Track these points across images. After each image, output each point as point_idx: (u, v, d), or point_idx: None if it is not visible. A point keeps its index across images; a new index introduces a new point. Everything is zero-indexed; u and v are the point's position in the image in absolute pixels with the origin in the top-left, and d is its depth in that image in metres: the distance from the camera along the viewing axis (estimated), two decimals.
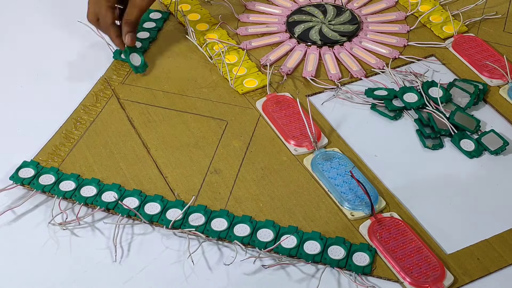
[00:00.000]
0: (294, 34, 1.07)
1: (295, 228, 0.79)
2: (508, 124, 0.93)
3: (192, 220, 0.79)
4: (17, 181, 0.83)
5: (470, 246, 0.78)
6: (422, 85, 0.96)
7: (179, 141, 0.90)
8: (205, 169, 0.86)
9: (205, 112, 0.94)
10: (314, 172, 0.85)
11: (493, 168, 0.87)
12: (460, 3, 1.15)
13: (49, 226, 0.79)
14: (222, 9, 1.13)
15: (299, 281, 0.74)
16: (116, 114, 0.93)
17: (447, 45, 1.06)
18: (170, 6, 1.13)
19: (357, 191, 0.82)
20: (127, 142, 0.89)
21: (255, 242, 0.77)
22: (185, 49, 1.05)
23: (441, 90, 0.95)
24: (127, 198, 0.82)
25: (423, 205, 0.82)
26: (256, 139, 0.90)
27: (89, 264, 0.76)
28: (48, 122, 0.91)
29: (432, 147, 0.89)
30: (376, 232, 0.78)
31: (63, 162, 0.86)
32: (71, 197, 0.81)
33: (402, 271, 0.74)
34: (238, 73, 0.99)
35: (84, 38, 1.04)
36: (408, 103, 0.93)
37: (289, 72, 1.00)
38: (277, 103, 0.94)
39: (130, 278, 0.74)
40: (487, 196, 0.83)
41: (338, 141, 0.90)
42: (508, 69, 0.99)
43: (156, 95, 0.97)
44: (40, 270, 0.75)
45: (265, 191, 0.83)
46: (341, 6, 1.13)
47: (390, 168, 0.87)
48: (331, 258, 0.75)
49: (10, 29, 1.10)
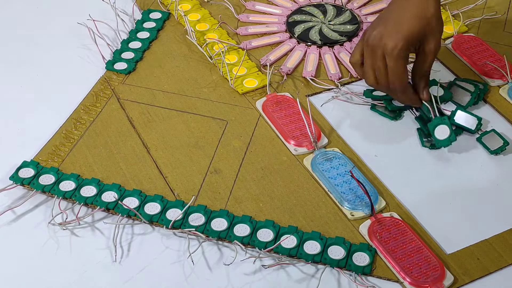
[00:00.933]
0: (294, 34, 1.07)
1: (295, 228, 0.79)
2: (508, 124, 0.93)
3: (192, 220, 0.79)
4: (17, 181, 0.83)
5: (470, 246, 0.77)
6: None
7: (179, 141, 0.90)
8: (205, 169, 0.86)
9: (205, 112, 0.94)
10: (314, 172, 0.85)
11: (493, 168, 0.87)
12: (460, 3, 1.15)
13: (49, 226, 0.79)
14: (222, 9, 1.13)
15: (299, 281, 0.74)
16: (116, 114, 0.93)
17: (447, 45, 1.06)
18: (170, 6, 1.13)
19: (357, 191, 0.82)
20: (127, 142, 0.89)
21: (255, 242, 0.77)
22: (185, 49, 1.05)
23: (441, 88, 0.95)
24: (127, 198, 0.82)
25: (423, 205, 0.82)
26: (256, 139, 0.90)
27: (89, 264, 0.76)
28: (48, 122, 0.91)
29: (430, 146, 0.89)
30: (376, 232, 0.78)
31: (63, 162, 0.86)
32: (71, 197, 0.81)
33: (402, 271, 0.74)
34: (238, 73, 0.99)
35: (84, 38, 1.04)
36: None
37: (289, 72, 1.00)
38: (277, 103, 0.94)
39: (130, 278, 0.74)
40: (487, 196, 0.83)
41: (338, 141, 0.90)
42: (508, 69, 0.99)
43: (156, 95, 0.97)
44: (40, 270, 0.75)
45: (265, 191, 0.83)
46: (341, 6, 1.13)
47: (390, 168, 0.87)
48: (331, 258, 0.75)
49: (10, 28, 1.10)
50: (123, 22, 1.10)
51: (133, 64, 1.01)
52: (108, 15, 1.10)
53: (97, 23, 1.06)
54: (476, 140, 0.90)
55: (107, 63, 1.00)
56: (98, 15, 1.08)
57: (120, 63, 1.01)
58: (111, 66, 1.00)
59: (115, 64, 1.00)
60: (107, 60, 1.00)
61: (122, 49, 1.04)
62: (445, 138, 0.87)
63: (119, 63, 1.01)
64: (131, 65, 1.01)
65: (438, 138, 0.87)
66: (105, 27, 1.08)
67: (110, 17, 1.09)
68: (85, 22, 1.05)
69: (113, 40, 1.06)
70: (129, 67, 1.01)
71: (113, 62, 1.00)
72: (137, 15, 1.12)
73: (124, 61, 1.02)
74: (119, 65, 1.01)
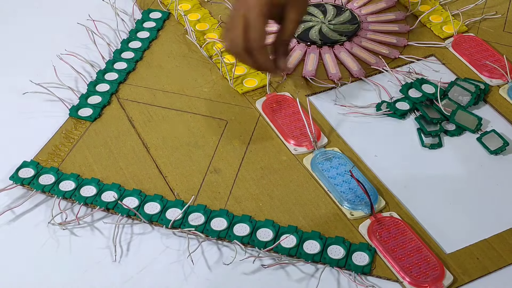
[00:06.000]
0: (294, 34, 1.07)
1: (294, 227, 0.79)
2: (508, 124, 0.93)
3: (192, 219, 0.79)
4: (17, 181, 0.83)
5: (470, 246, 0.77)
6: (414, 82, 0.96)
7: (179, 140, 0.90)
8: (205, 169, 0.86)
9: (205, 112, 0.94)
10: (313, 171, 0.85)
11: (493, 168, 0.87)
12: (460, 3, 1.15)
13: (48, 226, 0.79)
14: (222, 9, 1.13)
15: (298, 281, 0.74)
16: (116, 114, 0.93)
17: (447, 45, 1.06)
18: (170, 6, 1.14)
19: (357, 190, 0.82)
20: (127, 142, 0.89)
21: (255, 242, 0.77)
22: (185, 49, 1.05)
23: (433, 86, 0.95)
24: (126, 198, 0.82)
25: (423, 205, 0.82)
26: (256, 139, 0.90)
27: (89, 264, 0.76)
28: (48, 122, 0.91)
29: (430, 146, 0.89)
30: (376, 231, 0.78)
31: (63, 162, 0.86)
32: (71, 197, 0.81)
33: (402, 271, 0.74)
34: (239, 73, 0.99)
35: (84, 38, 1.04)
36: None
37: (289, 72, 1.00)
38: (277, 103, 0.94)
39: (130, 278, 0.74)
40: (487, 196, 0.83)
41: (338, 141, 0.90)
42: (508, 69, 0.99)
43: (156, 94, 0.97)
44: (40, 270, 0.75)
45: (264, 190, 0.83)
46: (341, 6, 1.13)
47: (390, 168, 0.87)
48: (331, 257, 0.75)
49: (10, 28, 1.10)
50: (123, 22, 1.10)
51: (133, 64, 1.01)
52: (108, 15, 1.10)
53: (97, 23, 1.06)
54: (476, 140, 0.90)
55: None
56: (98, 15, 1.08)
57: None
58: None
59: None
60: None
61: (122, 49, 1.04)
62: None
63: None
64: (131, 65, 1.01)
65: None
66: (105, 27, 1.08)
67: (110, 17, 1.09)
68: (85, 22, 1.05)
69: (113, 40, 1.06)
70: (129, 67, 1.01)
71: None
72: (137, 14, 1.12)
73: (124, 61, 1.02)
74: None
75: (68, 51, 1.02)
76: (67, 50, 1.02)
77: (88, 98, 0.95)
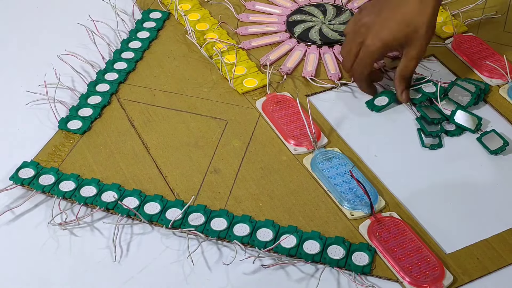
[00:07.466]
0: (294, 34, 1.07)
1: (294, 227, 0.79)
2: (508, 124, 0.93)
3: (192, 219, 0.79)
4: (17, 181, 0.83)
5: (470, 246, 0.77)
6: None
7: (179, 140, 0.90)
8: (205, 169, 0.86)
9: (204, 112, 0.94)
10: (313, 171, 0.85)
11: (493, 168, 0.87)
12: (460, 3, 1.15)
13: (48, 226, 0.79)
14: (222, 9, 1.13)
15: (298, 281, 0.74)
16: (116, 114, 0.93)
17: (447, 45, 1.06)
18: (170, 6, 1.14)
19: (357, 190, 0.82)
20: (127, 142, 0.89)
21: (255, 242, 0.77)
22: (185, 49, 1.05)
23: (434, 85, 0.95)
24: (126, 198, 0.82)
25: (423, 205, 0.82)
26: (256, 139, 0.90)
27: (89, 264, 0.76)
28: (48, 122, 0.91)
29: (430, 146, 0.89)
30: (376, 231, 0.78)
31: (63, 162, 0.86)
32: (71, 197, 0.81)
33: (402, 271, 0.74)
34: (239, 73, 0.99)
35: (84, 38, 1.04)
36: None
37: (289, 72, 1.00)
38: (277, 103, 0.94)
39: (130, 278, 0.74)
40: (487, 196, 0.83)
41: (338, 141, 0.90)
42: (508, 69, 0.99)
43: (156, 94, 0.97)
44: (40, 270, 0.75)
45: (264, 190, 0.83)
46: (341, 6, 1.13)
47: (390, 168, 0.87)
48: (331, 257, 0.75)
49: (10, 28, 1.10)
50: (123, 22, 1.10)
51: (133, 64, 1.01)
52: (108, 15, 1.10)
53: (97, 23, 1.06)
54: (476, 140, 0.90)
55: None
56: (98, 15, 1.08)
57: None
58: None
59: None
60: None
61: (122, 49, 1.04)
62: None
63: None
64: (131, 65, 1.01)
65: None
66: (105, 27, 1.08)
67: (110, 17, 1.09)
68: (85, 22, 1.05)
69: (113, 40, 1.07)
70: (129, 67, 1.01)
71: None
72: (137, 15, 1.12)
73: (124, 61, 1.02)
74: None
75: (68, 51, 1.02)
76: (67, 50, 1.02)
77: (88, 98, 0.95)
